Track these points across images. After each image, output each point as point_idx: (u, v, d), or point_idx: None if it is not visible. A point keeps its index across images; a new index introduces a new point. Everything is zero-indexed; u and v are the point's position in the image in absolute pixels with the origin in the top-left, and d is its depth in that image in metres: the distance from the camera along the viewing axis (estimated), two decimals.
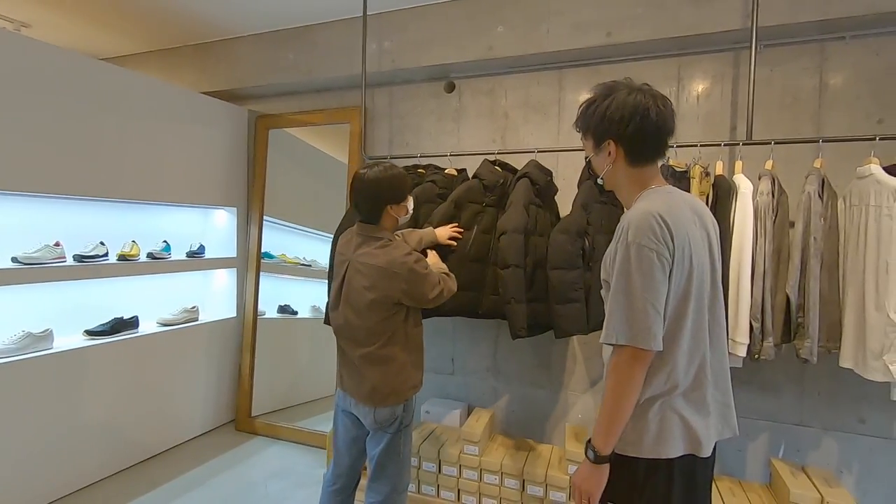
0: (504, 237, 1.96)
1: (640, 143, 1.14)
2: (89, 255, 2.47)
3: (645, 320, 1.02)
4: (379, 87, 2.94)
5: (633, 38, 2.26)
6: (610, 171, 1.19)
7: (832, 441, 2.13)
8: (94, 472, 2.50)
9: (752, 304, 1.80)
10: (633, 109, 1.11)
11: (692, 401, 1.11)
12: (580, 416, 2.53)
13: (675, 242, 1.05)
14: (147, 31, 3.15)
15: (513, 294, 1.93)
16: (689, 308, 1.08)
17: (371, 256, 1.58)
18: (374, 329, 1.60)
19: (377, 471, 1.69)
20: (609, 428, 1.07)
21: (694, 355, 1.11)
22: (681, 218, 1.09)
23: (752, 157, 2.02)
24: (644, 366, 1.05)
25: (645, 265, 1.03)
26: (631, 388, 1.05)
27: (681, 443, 1.09)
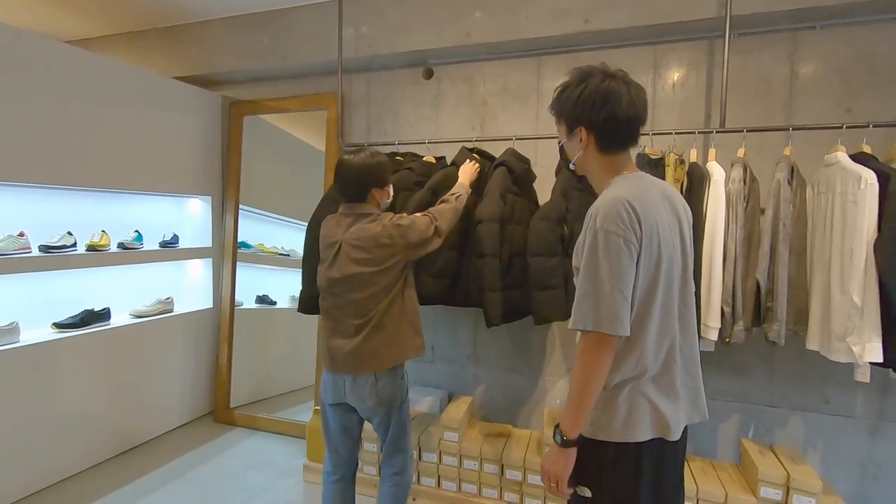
0: (480, 226, 1.96)
1: (610, 131, 1.14)
2: (56, 246, 2.39)
3: (612, 305, 1.03)
4: (356, 73, 2.89)
5: (611, 26, 2.27)
6: (581, 157, 1.19)
7: (799, 420, 2.20)
8: (67, 467, 2.45)
9: (724, 289, 1.84)
10: (604, 97, 1.10)
11: (661, 385, 1.12)
12: (558, 401, 2.56)
13: (643, 229, 1.06)
14: (113, 13, 3.03)
15: (489, 283, 1.94)
16: (657, 293, 1.09)
17: (364, 230, 1.65)
18: (377, 297, 1.64)
19: (392, 448, 1.79)
20: (576, 412, 1.08)
21: (663, 340, 1.12)
22: (650, 204, 1.10)
23: (725, 145, 2.06)
24: (611, 351, 1.06)
25: (612, 251, 1.04)
26: (597, 373, 1.06)
27: (649, 427, 1.11)
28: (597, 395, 1.08)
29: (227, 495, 2.38)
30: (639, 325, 1.09)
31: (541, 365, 2.60)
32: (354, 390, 1.68)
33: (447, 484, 2.29)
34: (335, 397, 1.72)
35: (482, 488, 2.27)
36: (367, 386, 1.66)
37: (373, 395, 1.67)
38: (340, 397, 1.71)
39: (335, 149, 2.89)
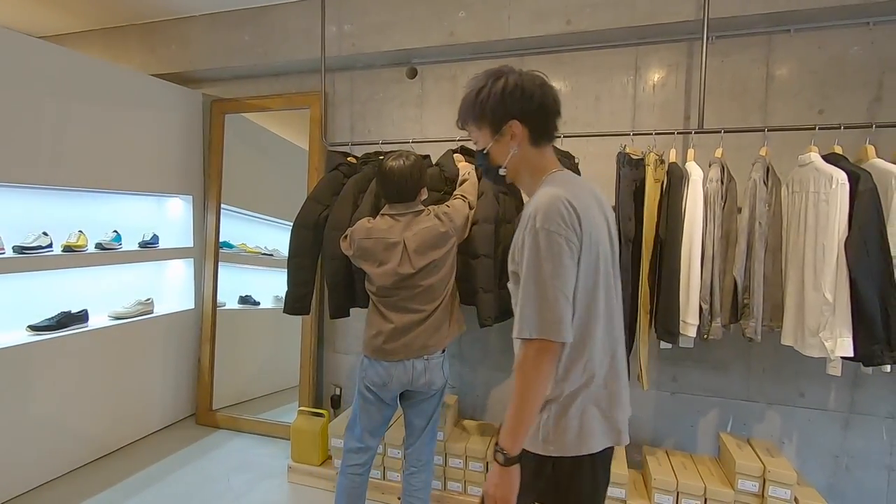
0: (476, 227, 1.98)
1: (544, 119, 1.11)
2: (31, 247, 2.34)
3: (556, 310, 0.97)
4: (339, 72, 2.87)
5: (592, 27, 2.29)
6: (515, 155, 1.12)
7: (775, 414, 2.26)
8: (46, 471, 2.40)
9: (702, 287, 1.88)
10: (531, 84, 1.08)
11: (611, 391, 1.09)
12: None
13: (583, 227, 1.02)
14: (89, 9, 2.96)
15: (482, 284, 1.96)
16: (599, 295, 1.06)
17: (425, 223, 1.80)
18: (444, 281, 1.82)
19: (429, 437, 1.92)
20: (518, 427, 1.01)
21: (607, 344, 1.09)
22: (586, 202, 1.07)
23: (703, 145, 2.10)
24: (553, 358, 1.00)
25: (555, 251, 0.98)
26: (540, 383, 1.00)
27: (603, 437, 1.08)
28: (538, 407, 1.02)
29: (210, 498, 2.35)
30: (585, 330, 1.05)
31: None
32: (428, 372, 1.81)
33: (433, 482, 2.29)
34: (402, 386, 1.81)
35: (467, 486, 2.28)
36: (439, 364, 1.83)
37: (442, 372, 1.84)
38: (407, 385, 1.81)
39: (318, 148, 2.88)
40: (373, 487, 2.31)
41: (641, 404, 2.43)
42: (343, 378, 2.98)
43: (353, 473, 1.88)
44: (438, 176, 2.16)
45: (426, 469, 1.91)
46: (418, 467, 1.89)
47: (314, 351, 2.94)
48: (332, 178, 2.37)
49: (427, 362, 1.80)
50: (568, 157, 2.15)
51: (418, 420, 1.89)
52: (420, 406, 1.88)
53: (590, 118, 2.47)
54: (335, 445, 2.44)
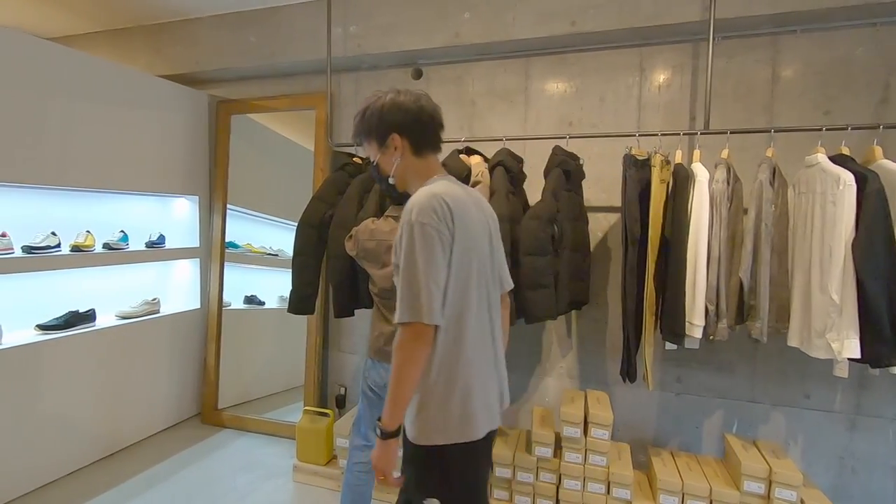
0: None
1: (420, 131, 1.23)
2: (40, 246, 2.36)
3: (425, 296, 1.06)
4: (345, 73, 2.89)
5: (597, 28, 2.29)
6: (399, 165, 1.24)
7: (780, 416, 2.25)
8: (52, 470, 2.42)
9: (708, 288, 1.88)
10: (406, 101, 1.22)
11: (487, 379, 1.19)
12: (547, 399, 2.59)
13: (456, 222, 1.12)
14: (96, 9, 2.98)
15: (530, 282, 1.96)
16: (472, 287, 1.15)
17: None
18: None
19: None
20: (394, 405, 1.11)
21: (483, 334, 1.18)
22: (461, 201, 1.17)
23: (709, 147, 2.09)
24: (426, 342, 1.09)
25: (427, 243, 1.08)
26: (414, 364, 1.09)
27: (485, 422, 1.16)
28: (414, 387, 1.12)
29: (215, 497, 2.37)
30: (460, 319, 1.13)
31: (528, 363, 2.62)
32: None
33: None
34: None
35: None
36: None
37: None
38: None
39: (324, 148, 2.89)
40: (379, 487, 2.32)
41: (646, 405, 2.43)
42: (348, 378, 2.99)
43: (359, 471, 1.89)
44: None
45: None
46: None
47: (319, 351, 2.95)
48: (338, 177, 2.38)
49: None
50: (573, 157, 2.16)
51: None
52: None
53: (594, 119, 2.47)
54: (340, 445, 2.44)
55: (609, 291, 2.46)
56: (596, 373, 2.51)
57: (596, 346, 2.51)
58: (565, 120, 2.52)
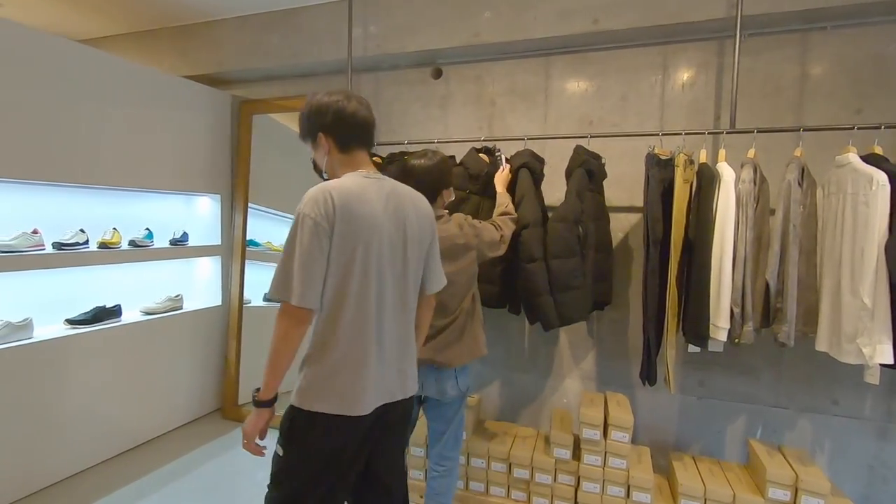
0: (526, 231, 1.96)
1: (343, 130, 1.33)
2: (69, 243, 2.42)
3: (297, 280, 1.18)
4: (365, 73, 2.91)
5: (620, 26, 2.27)
6: (328, 161, 1.37)
7: (807, 422, 2.20)
8: (77, 462, 2.48)
9: (734, 290, 1.84)
10: (327, 104, 1.33)
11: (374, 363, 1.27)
12: (565, 400, 2.57)
13: (338, 215, 1.21)
14: (124, 12, 3.06)
15: (543, 287, 1.95)
16: (353, 278, 1.23)
17: (442, 231, 1.69)
18: (457, 296, 1.73)
19: (452, 442, 1.87)
20: (268, 376, 1.25)
21: (361, 323, 1.25)
22: (362, 197, 1.25)
23: (734, 146, 2.05)
24: (299, 322, 1.21)
25: (305, 231, 1.19)
26: (286, 341, 1.21)
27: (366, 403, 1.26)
28: (287, 363, 1.24)
29: (235, 491, 2.40)
30: (338, 304, 1.24)
31: (547, 364, 2.60)
32: (438, 383, 1.76)
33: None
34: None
35: (489, 486, 2.28)
36: (451, 378, 1.76)
37: (454, 386, 1.77)
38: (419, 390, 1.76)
39: None
40: None
41: (667, 408, 2.40)
42: None
43: None
44: (463, 175, 2.16)
45: (450, 474, 1.88)
46: (440, 472, 1.88)
47: None
48: None
49: (438, 374, 1.75)
50: (596, 157, 2.13)
51: (437, 424, 1.88)
52: (437, 410, 1.85)
53: (616, 118, 2.44)
54: None
55: (629, 292, 2.43)
56: (616, 375, 2.48)
57: (616, 348, 2.48)
58: (586, 119, 2.50)
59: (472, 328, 1.78)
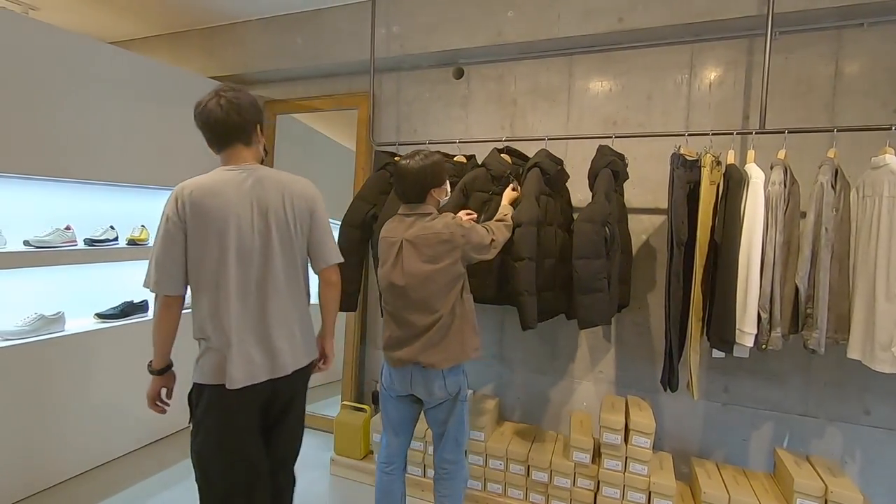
0: (518, 230, 1.94)
1: (204, 134, 1.50)
2: (99, 239, 2.49)
3: (154, 271, 1.39)
4: (387, 73, 2.92)
5: (646, 24, 2.23)
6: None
7: (837, 431, 2.13)
8: (106, 451, 2.56)
9: (761, 295, 1.79)
10: (196, 109, 1.49)
11: (232, 341, 1.41)
12: (584, 403, 2.54)
13: (189, 210, 1.36)
14: (154, 15, 3.13)
15: (525, 287, 1.92)
16: (208, 264, 1.38)
17: (426, 228, 1.70)
18: (440, 296, 1.69)
19: (450, 444, 1.83)
20: (154, 350, 1.50)
21: (225, 304, 1.40)
22: (214, 189, 1.40)
23: (764, 147, 2.00)
24: (164, 305, 1.41)
25: (161, 226, 1.39)
26: (157, 321, 1.44)
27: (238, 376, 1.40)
28: (163, 339, 1.47)
29: None
30: (196, 289, 1.41)
31: (567, 366, 2.58)
32: (424, 383, 1.74)
33: (473, 483, 2.30)
34: (402, 389, 1.78)
35: (507, 488, 2.27)
36: (438, 379, 1.73)
37: (442, 387, 1.74)
38: (408, 389, 1.78)
39: (365, 148, 2.93)
40: (413, 484, 2.34)
41: (690, 414, 2.35)
42: None
43: (382, 472, 1.89)
44: (485, 176, 2.15)
45: (453, 476, 1.84)
46: (442, 474, 1.84)
47: (357, 347, 3.00)
48: (379, 177, 2.40)
49: (423, 374, 1.73)
50: (620, 157, 2.10)
51: (433, 426, 1.86)
52: (432, 412, 1.83)
53: (641, 118, 2.40)
54: (376, 441, 2.47)
55: (651, 295, 2.39)
56: (636, 379, 2.44)
57: (636, 352, 2.44)
58: (609, 119, 2.46)
59: (460, 330, 1.73)
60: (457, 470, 1.84)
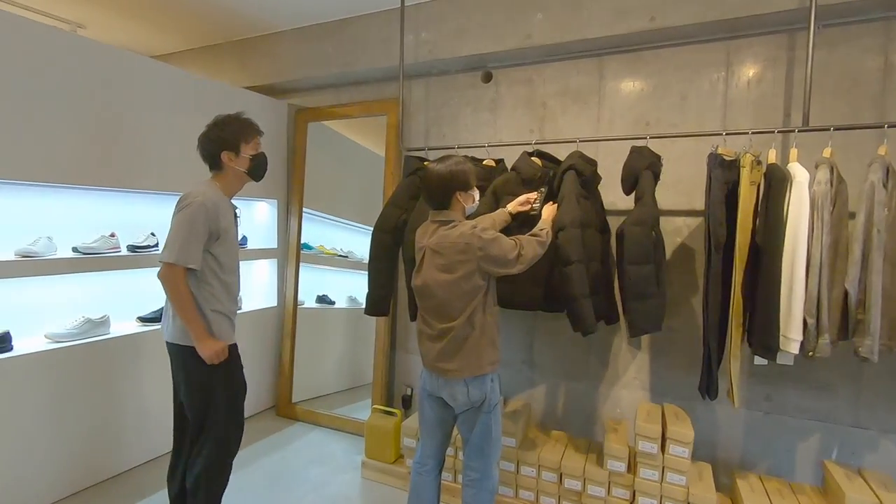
0: (563, 233, 1.89)
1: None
2: (141, 246, 2.59)
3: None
4: (415, 79, 2.94)
5: (679, 22, 2.18)
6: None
7: (891, 444, 2.02)
8: (149, 450, 2.64)
9: (807, 299, 1.72)
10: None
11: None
12: (618, 410, 2.48)
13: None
14: (191, 29, 3.25)
15: (580, 290, 1.87)
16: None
17: (444, 237, 1.70)
18: (456, 305, 1.68)
19: (474, 452, 1.81)
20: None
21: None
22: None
23: (807, 145, 1.92)
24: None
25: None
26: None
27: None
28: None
29: (290, 487, 2.48)
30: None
31: (600, 372, 2.53)
32: (446, 388, 1.75)
33: (504, 489, 2.27)
34: (433, 390, 1.80)
35: (539, 496, 2.23)
36: (458, 385, 1.72)
37: (465, 395, 1.73)
38: (437, 392, 1.79)
39: (395, 153, 2.95)
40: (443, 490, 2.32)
41: (729, 424, 2.27)
42: (414, 379, 3.03)
43: (416, 472, 1.91)
44: (515, 179, 2.14)
45: (476, 486, 1.80)
46: (467, 482, 1.83)
47: (388, 351, 3.01)
48: (410, 182, 2.42)
49: (446, 380, 1.73)
50: (658, 159, 2.05)
51: (462, 431, 1.85)
52: (460, 418, 1.81)
53: (675, 119, 2.35)
54: (407, 445, 2.48)
55: (687, 300, 2.32)
56: (672, 386, 2.37)
57: (672, 358, 2.37)
58: (642, 120, 2.41)
59: (476, 343, 1.69)
60: (482, 480, 1.80)
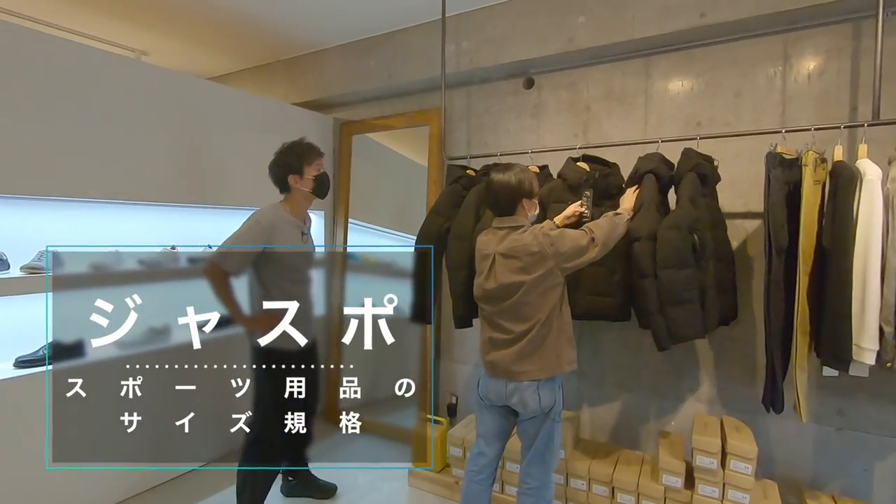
0: (637, 244, 1.82)
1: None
2: (200, 258, 2.73)
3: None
4: (457, 88, 2.96)
5: (732, 17, 2.09)
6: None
7: None
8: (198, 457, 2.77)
9: (883, 306, 1.59)
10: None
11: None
12: (673, 423, 2.38)
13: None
14: (244, 50, 3.42)
15: (655, 304, 1.82)
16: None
17: (516, 241, 1.71)
18: (534, 306, 1.69)
19: (535, 458, 1.80)
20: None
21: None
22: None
23: (878, 140, 1.80)
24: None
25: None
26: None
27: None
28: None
29: (339, 492, 2.52)
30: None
31: (653, 382, 2.43)
32: (517, 394, 1.73)
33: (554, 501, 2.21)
34: (497, 399, 1.79)
35: None
36: (529, 390, 1.71)
37: (535, 400, 1.72)
38: (503, 400, 1.78)
39: (437, 163, 2.98)
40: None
41: (796, 439, 2.13)
42: (459, 387, 3.02)
43: (471, 480, 1.89)
44: (561, 186, 2.11)
45: (536, 495, 1.79)
46: (524, 489, 1.81)
47: (432, 359, 3.02)
48: (452, 190, 2.43)
49: (517, 385, 1.72)
50: (707, 160, 1.97)
51: (523, 439, 1.83)
52: (523, 425, 1.81)
53: (728, 117, 2.25)
54: (453, 454, 2.47)
55: (748, 306, 2.20)
56: (732, 398, 2.25)
57: (732, 368, 2.25)
58: (693, 120, 2.32)
59: (556, 341, 1.71)
60: (541, 489, 1.79)
